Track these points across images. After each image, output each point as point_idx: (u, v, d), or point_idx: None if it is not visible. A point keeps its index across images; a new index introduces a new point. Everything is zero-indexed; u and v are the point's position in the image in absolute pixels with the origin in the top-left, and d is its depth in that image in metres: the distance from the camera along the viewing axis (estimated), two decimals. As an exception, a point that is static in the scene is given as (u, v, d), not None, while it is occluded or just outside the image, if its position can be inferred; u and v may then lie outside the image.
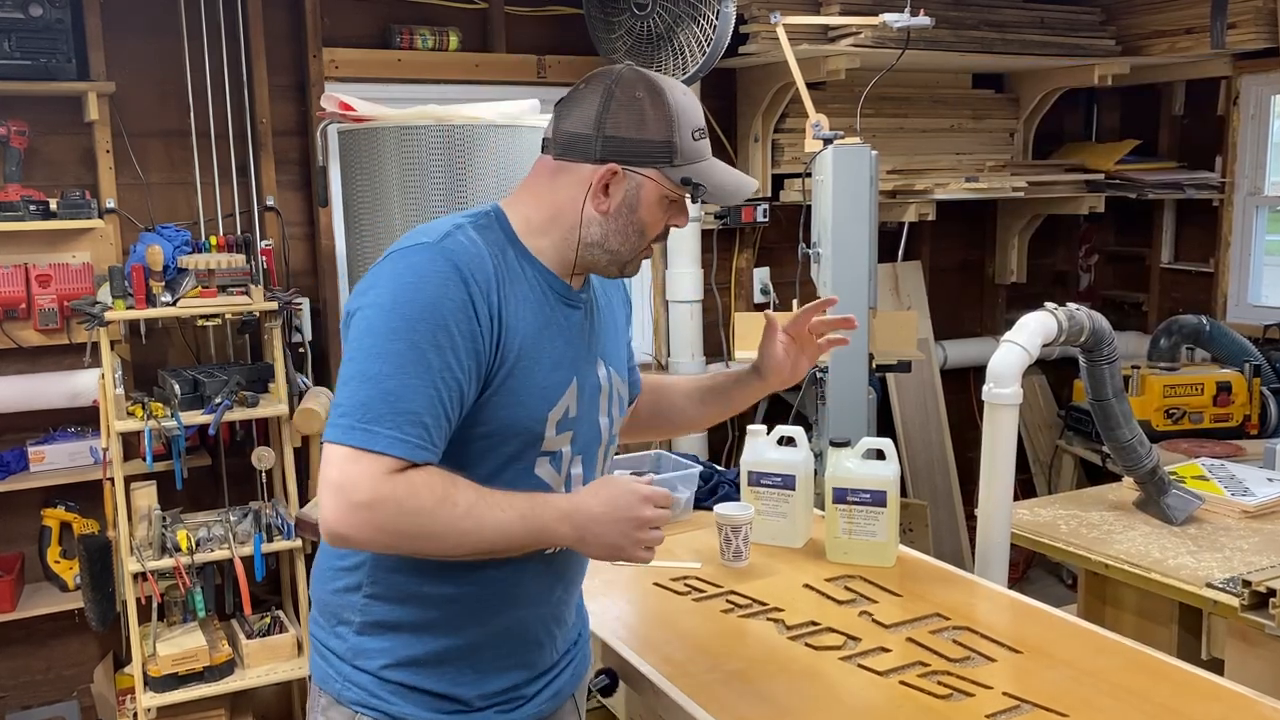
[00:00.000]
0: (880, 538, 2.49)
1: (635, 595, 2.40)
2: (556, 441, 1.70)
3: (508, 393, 1.62)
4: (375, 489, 1.49)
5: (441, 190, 3.38)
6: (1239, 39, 4.62)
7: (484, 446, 1.64)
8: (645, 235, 1.71)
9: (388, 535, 1.52)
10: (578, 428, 1.73)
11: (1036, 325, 2.84)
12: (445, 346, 1.54)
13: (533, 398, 1.65)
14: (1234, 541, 2.92)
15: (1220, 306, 5.25)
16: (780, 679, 1.99)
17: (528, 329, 1.65)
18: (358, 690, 1.71)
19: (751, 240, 5.01)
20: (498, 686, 1.74)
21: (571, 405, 1.71)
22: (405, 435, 1.51)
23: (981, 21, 4.67)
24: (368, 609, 1.71)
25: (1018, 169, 5.22)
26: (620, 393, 1.86)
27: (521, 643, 1.77)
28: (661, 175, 1.68)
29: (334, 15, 4.11)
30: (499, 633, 1.73)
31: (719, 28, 3.93)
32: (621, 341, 1.92)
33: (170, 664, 3.57)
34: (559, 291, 1.71)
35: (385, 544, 1.55)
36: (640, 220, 1.69)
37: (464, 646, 1.71)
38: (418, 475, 1.52)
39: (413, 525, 1.51)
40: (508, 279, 1.63)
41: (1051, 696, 1.88)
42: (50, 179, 3.78)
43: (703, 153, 1.70)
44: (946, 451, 5.40)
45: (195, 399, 3.60)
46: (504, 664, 1.75)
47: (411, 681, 1.70)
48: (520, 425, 1.65)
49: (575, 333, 1.73)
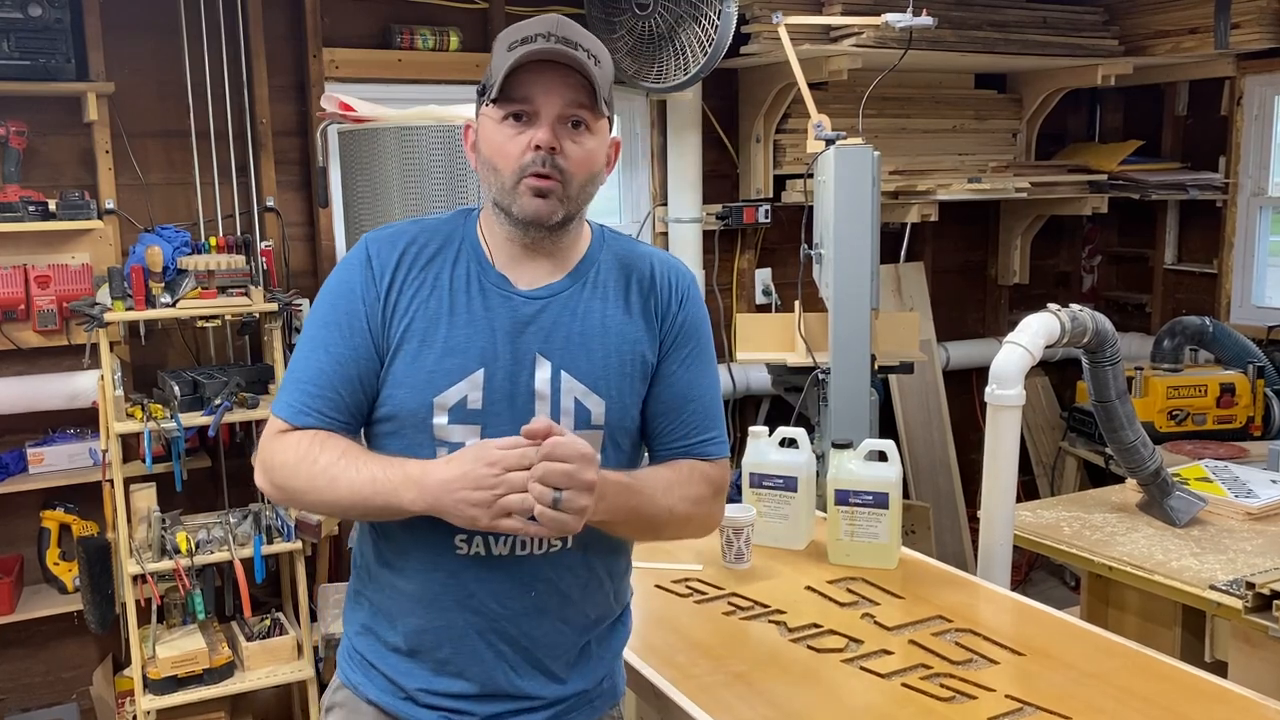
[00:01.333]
0: (882, 540, 2.49)
1: (636, 598, 2.36)
2: (454, 432, 1.65)
3: (393, 373, 1.67)
4: (264, 446, 1.69)
5: (442, 191, 3.37)
6: (1243, 39, 4.61)
7: (385, 429, 1.69)
8: (499, 169, 1.64)
9: (273, 488, 1.68)
10: (488, 423, 1.65)
11: (1039, 326, 2.83)
12: (333, 324, 1.68)
13: (417, 380, 1.65)
14: (1237, 543, 2.91)
15: (1224, 308, 5.23)
16: (782, 681, 1.99)
17: (421, 313, 1.67)
18: (341, 652, 1.85)
19: (753, 241, 5.00)
20: (440, 688, 1.71)
21: (473, 396, 1.64)
22: (291, 401, 1.67)
23: (984, 21, 4.66)
24: (358, 578, 1.82)
25: (1020, 169, 5.21)
26: (588, 405, 1.68)
27: (456, 648, 1.69)
28: (486, 104, 1.66)
29: (334, 15, 4.10)
30: (426, 631, 1.70)
31: (720, 28, 3.92)
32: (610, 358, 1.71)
33: (170, 666, 3.56)
34: (494, 283, 1.69)
35: (275, 496, 1.71)
36: (487, 158, 1.67)
37: (404, 635, 1.72)
38: (293, 435, 1.66)
39: (282, 478, 1.65)
40: (421, 264, 1.70)
41: (1054, 699, 1.87)
42: (49, 180, 3.77)
43: (512, 59, 1.58)
44: (949, 453, 5.39)
45: (195, 400, 3.59)
46: (445, 668, 1.70)
47: (370, 656, 1.77)
48: (405, 408, 1.66)
49: (495, 325, 1.67)
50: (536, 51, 1.58)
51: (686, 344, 1.77)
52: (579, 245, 1.76)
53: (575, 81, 1.62)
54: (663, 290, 1.76)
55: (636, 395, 1.73)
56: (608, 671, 1.84)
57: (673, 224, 4.70)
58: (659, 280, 1.77)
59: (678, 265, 1.82)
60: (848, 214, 3.58)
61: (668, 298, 1.76)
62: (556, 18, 1.63)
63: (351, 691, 1.79)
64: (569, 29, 1.61)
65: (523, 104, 1.61)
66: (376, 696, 1.75)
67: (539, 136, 1.60)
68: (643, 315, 1.75)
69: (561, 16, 1.64)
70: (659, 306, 1.76)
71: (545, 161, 1.61)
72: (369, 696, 1.76)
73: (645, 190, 4.81)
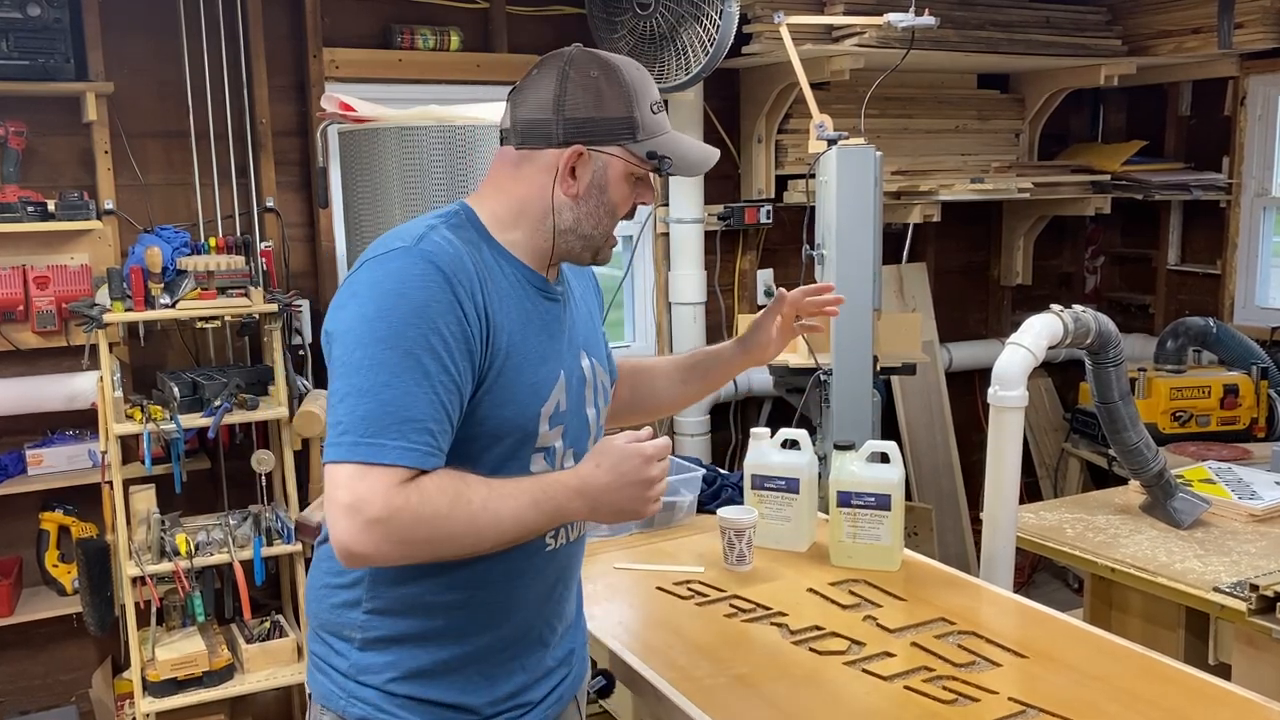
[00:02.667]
0: (885, 541, 2.48)
1: (638, 600, 2.38)
2: (549, 436, 1.69)
3: (500, 390, 1.61)
4: (389, 502, 1.46)
5: (443, 191, 3.36)
6: (1246, 39, 4.60)
7: (480, 446, 1.62)
8: (615, 215, 1.70)
9: (407, 546, 1.49)
10: (568, 421, 1.73)
11: (1042, 327, 2.82)
12: (439, 349, 1.51)
13: (524, 394, 1.64)
14: (1241, 545, 2.90)
15: (1227, 308, 5.22)
16: (784, 684, 1.98)
17: (513, 325, 1.63)
18: (363, 706, 1.67)
19: (755, 242, 4.99)
20: (504, 691, 1.73)
21: (562, 399, 1.70)
22: (412, 444, 1.48)
23: (987, 21, 4.65)
24: (369, 624, 1.68)
25: (1023, 170, 5.20)
26: (603, 383, 1.86)
27: (525, 644, 1.75)
28: (626, 151, 1.67)
29: (334, 15, 4.09)
30: (504, 635, 1.72)
31: (722, 27, 3.91)
32: (598, 330, 1.92)
33: (169, 669, 3.55)
34: (536, 285, 1.70)
35: (405, 555, 1.52)
36: (610, 200, 1.69)
37: (470, 653, 1.69)
38: (429, 481, 1.50)
39: (430, 531, 1.49)
40: (488, 276, 1.62)
41: (1057, 702, 1.86)
42: (48, 180, 3.76)
43: (664, 125, 1.71)
44: (951, 454, 5.38)
45: (194, 401, 3.58)
46: (509, 667, 1.73)
47: (419, 694, 1.67)
48: (514, 423, 1.64)
49: (556, 326, 1.72)
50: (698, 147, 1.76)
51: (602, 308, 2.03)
52: None
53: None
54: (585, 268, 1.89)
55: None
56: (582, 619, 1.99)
57: (674, 225, 4.69)
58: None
59: None
60: (849, 214, 3.57)
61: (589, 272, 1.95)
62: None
63: None
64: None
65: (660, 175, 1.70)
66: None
67: (648, 198, 1.74)
68: (594, 293, 1.96)
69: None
70: (590, 282, 1.95)
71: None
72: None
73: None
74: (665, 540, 2.77)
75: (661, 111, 1.71)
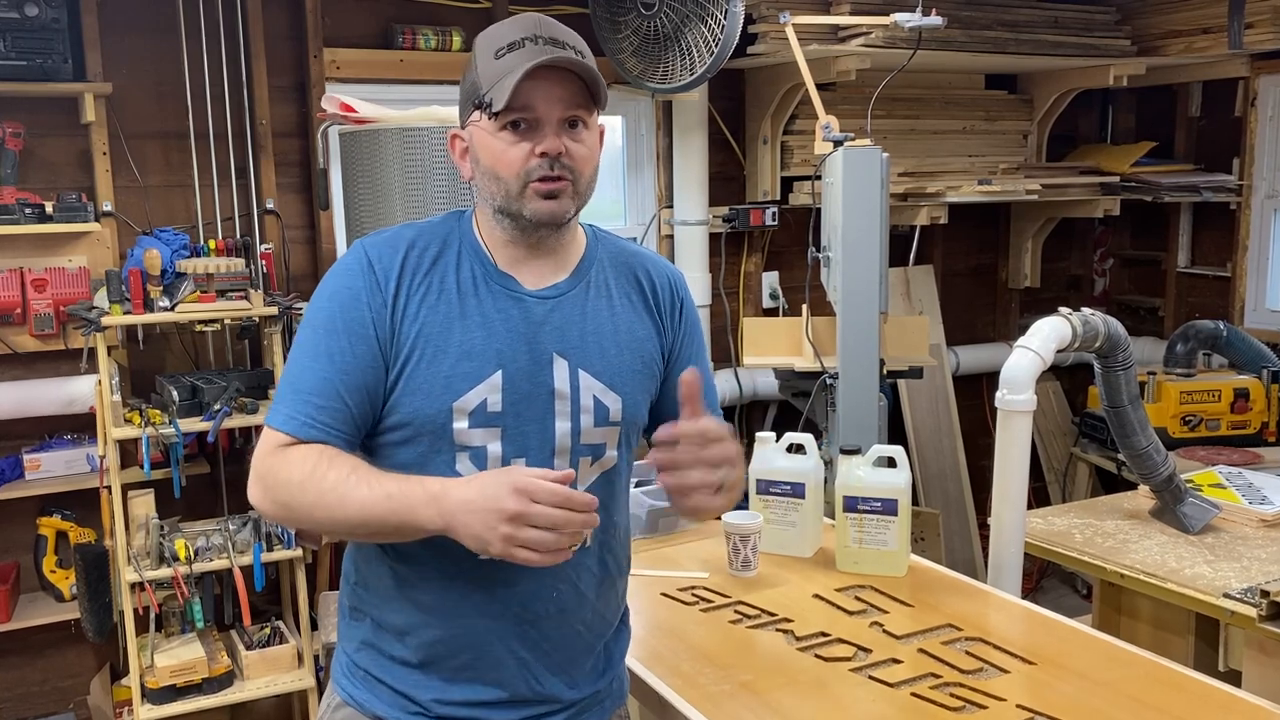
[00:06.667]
0: (891, 547, 2.47)
1: (642, 605, 2.36)
2: (474, 436, 1.64)
3: (409, 380, 1.63)
4: (262, 461, 1.61)
5: (444, 193, 3.35)
6: (1257, 39, 4.56)
7: (399, 437, 1.65)
8: (502, 177, 1.63)
9: (277, 506, 1.60)
10: (508, 424, 1.65)
11: (1050, 330, 2.81)
12: (338, 331, 1.62)
13: (435, 387, 1.63)
14: (1252, 551, 2.87)
15: (1238, 311, 5.19)
16: (789, 691, 1.97)
17: (434, 318, 1.64)
18: (339, 669, 1.79)
19: (760, 244, 4.97)
20: (457, 697, 1.70)
21: (492, 399, 1.64)
22: (294, 413, 1.60)
23: (995, 21, 4.63)
24: (354, 594, 1.77)
25: (1031, 171, 5.17)
26: (606, 403, 1.71)
27: (476, 655, 1.69)
28: (477, 114, 1.65)
29: (335, 15, 4.07)
30: (452, 639, 1.69)
31: (727, 27, 3.89)
32: (622, 352, 1.74)
33: (168, 675, 3.54)
34: (500, 284, 1.68)
35: (276, 514, 1.64)
36: (486, 165, 1.65)
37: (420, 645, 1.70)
38: (296, 450, 1.59)
39: (288, 496, 1.58)
40: (425, 268, 1.66)
41: (1066, 709, 1.86)
42: (46, 181, 3.74)
43: (504, 67, 1.59)
44: (959, 459, 5.36)
45: (194, 405, 3.56)
46: (462, 675, 1.70)
47: (376, 671, 1.73)
48: (424, 415, 1.63)
49: (509, 326, 1.66)
50: (538, 61, 1.57)
51: (691, 342, 1.85)
52: (577, 243, 1.77)
53: (572, 83, 1.62)
54: (663, 290, 1.82)
55: (647, 393, 1.78)
56: (617, 672, 1.88)
57: (678, 226, 4.67)
58: (658, 280, 1.82)
59: (669, 264, 1.89)
60: (856, 216, 3.55)
61: (669, 297, 1.82)
62: (536, 17, 1.64)
63: (356, 710, 1.74)
64: (552, 28, 1.64)
65: (523, 113, 1.61)
66: (385, 712, 1.72)
67: (545, 145, 1.61)
68: (648, 314, 1.79)
69: (540, 16, 1.65)
70: (662, 306, 1.81)
71: (553, 165, 1.62)
72: (376, 712, 1.73)
73: (651, 192, 4.78)
74: (669, 545, 2.76)
75: (511, 50, 1.60)
